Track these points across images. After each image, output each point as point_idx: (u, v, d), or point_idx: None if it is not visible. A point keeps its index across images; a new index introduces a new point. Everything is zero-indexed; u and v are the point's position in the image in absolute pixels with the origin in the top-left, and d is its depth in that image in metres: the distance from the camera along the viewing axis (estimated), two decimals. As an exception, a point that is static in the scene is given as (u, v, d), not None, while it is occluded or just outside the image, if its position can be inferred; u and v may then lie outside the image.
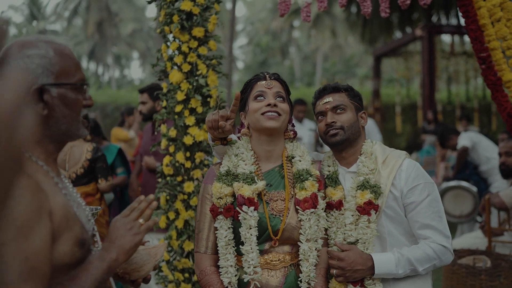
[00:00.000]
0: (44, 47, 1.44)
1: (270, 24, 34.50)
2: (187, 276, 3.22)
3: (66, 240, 1.37)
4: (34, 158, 1.44)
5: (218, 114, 2.14)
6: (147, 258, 1.65)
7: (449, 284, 3.77)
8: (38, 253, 1.27)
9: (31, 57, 1.42)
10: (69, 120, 1.48)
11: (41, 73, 1.42)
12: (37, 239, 1.28)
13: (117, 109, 15.20)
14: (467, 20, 3.20)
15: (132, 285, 1.69)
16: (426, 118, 11.06)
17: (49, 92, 1.43)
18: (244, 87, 2.30)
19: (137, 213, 1.52)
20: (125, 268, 1.63)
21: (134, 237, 1.50)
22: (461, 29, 11.92)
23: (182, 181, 3.27)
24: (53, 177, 1.45)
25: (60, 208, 1.38)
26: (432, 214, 2.20)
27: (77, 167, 4.16)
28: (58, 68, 1.44)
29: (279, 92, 2.21)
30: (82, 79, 1.51)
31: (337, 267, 2.15)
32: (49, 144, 1.48)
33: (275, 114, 2.15)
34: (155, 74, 3.42)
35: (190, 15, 3.27)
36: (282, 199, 2.16)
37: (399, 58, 13.86)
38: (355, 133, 2.31)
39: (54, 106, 1.44)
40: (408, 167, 2.24)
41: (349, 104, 2.33)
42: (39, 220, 1.30)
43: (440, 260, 2.21)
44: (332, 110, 2.31)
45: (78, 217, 1.46)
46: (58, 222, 1.36)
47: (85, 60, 36.81)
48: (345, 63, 32.73)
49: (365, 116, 2.40)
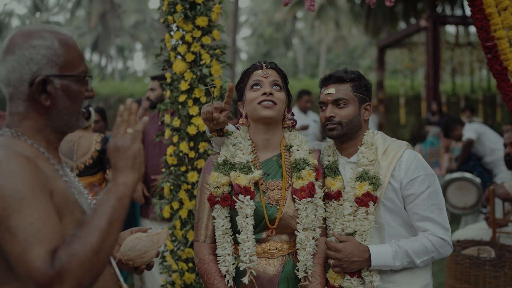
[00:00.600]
0: (49, 38, 1.44)
1: (274, 15, 34.38)
2: (191, 266, 3.22)
3: (67, 224, 1.37)
4: (36, 145, 1.45)
5: (212, 105, 2.15)
6: (150, 245, 1.67)
7: (453, 275, 3.76)
8: (43, 218, 1.25)
9: (37, 48, 1.42)
10: (70, 111, 1.48)
11: (45, 64, 1.42)
12: (41, 207, 1.27)
13: (120, 100, 15.22)
14: (473, 9, 3.17)
15: (135, 271, 1.70)
16: (430, 110, 11.01)
17: (52, 83, 1.43)
18: (241, 77, 2.30)
19: (124, 126, 1.41)
20: (128, 255, 1.64)
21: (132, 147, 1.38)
22: (466, 19, 11.84)
23: (186, 171, 3.27)
24: (53, 164, 1.46)
25: (60, 191, 1.38)
26: (431, 206, 2.18)
27: (86, 158, 4.16)
28: (62, 60, 1.44)
29: (276, 80, 2.20)
30: (85, 70, 1.51)
31: (334, 258, 2.14)
32: (50, 134, 1.49)
33: (271, 103, 2.14)
34: (159, 64, 3.41)
35: (193, 5, 3.25)
36: (279, 188, 2.17)
37: (403, 49, 13.77)
38: (353, 128, 2.28)
39: (57, 97, 1.44)
40: (409, 159, 2.21)
41: (352, 98, 2.28)
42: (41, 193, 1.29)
43: (438, 253, 2.19)
44: (333, 103, 2.28)
45: (79, 203, 1.46)
46: (59, 204, 1.35)
47: (88, 51, 36.78)
48: (349, 54, 32.61)
49: (369, 108, 2.34)
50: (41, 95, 1.43)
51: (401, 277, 2.21)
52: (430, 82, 11.43)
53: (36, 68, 1.41)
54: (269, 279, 2.11)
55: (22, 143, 1.43)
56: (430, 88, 11.44)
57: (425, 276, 2.26)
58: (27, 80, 1.41)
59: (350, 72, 2.33)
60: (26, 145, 1.43)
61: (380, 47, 14.00)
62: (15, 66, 1.41)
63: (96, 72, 33.70)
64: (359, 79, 2.32)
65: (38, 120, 1.46)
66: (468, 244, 3.97)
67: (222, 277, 2.12)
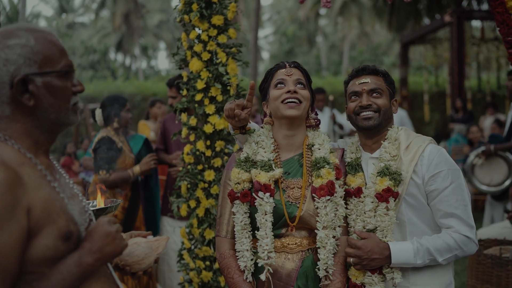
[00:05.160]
0: (24, 36, 1.40)
1: (297, 13, 34.22)
2: (208, 264, 3.24)
3: (48, 234, 1.35)
4: (23, 150, 1.42)
5: (234, 102, 2.17)
6: (149, 251, 1.65)
7: (474, 275, 3.69)
8: (3, 250, 1.25)
9: (11, 47, 1.38)
10: (57, 109, 1.44)
11: (23, 63, 1.38)
12: (5, 236, 1.26)
13: (144, 100, 15.34)
14: (493, 3, 3.10)
15: (132, 277, 1.67)
16: (454, 106, 10.82)
17: (33, 82, 1.39)
18: (264, 77, 2.32)
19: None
20: (126, 261, 1.62)
21: (116, 247, 1.45)
22: (492, 14, 11.57)
23: (202, 170, 3.29)
24: (41, 169, 1.43)
25: (41, 202, 1.36)
26: (456, 202, 2.13)
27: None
28: (41, 57, 1.40)
29: (299, 79, 2.22)
30: (67, 65, 1.46)
31: (354, 256, 2.13)
32: (40, 135, 1.46)
33: (296, 102, 2.16)
34: (176, 63, 3.44)
35: (209, 3, 3.26)
36: (299, 187, 2.18)
37: (427, 45, 13.54)
38: (387, 119, 2.28)
39: (40, 95, 1.40)
40: (431, 153, 2.17)
41: (385, 90, 2.29)
42: (11, 216, 1.27)
43: (462, 251, 2.15)
44: (369, 93, 2.26)
45: (65, 209, 1.42)
46: (37, 217, 1.34)
47: (113, 51, 37.24)
48: (372, 51, 32.25)
49: (396, 104, 2.35)
50: (24, 96, 1.39)
51: (422, 275, 2.17)
52: (455, 79, 11.23)
53: (14, 69, 1.37)
54: (287, 273, 2.12)
55: (8, 149, 1.39)
56: (455, 84, 11.24)
57: (447, 276, 2.21)
58: (7, 82, 1.38)
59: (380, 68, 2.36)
60: (12, 150, 1.40)
61: (404, 43, 13.80)
62: None
63: (121, 71, 34.10)
64: (388, 75, 2.35)
65: (25, 122, 1.43)
66: (490, 243, 3.90)
67: (242, 272, 2.15)
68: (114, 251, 1.45)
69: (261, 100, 2.35)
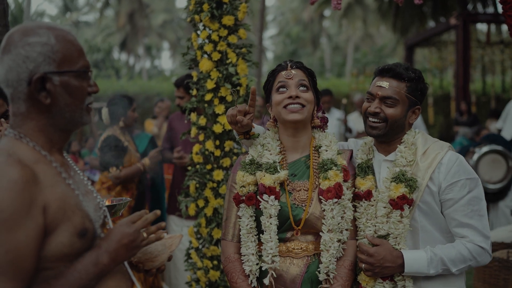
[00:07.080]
0: (45, 34, 1.40)
1: (301, 14, 34.22)
2: (215, 264, 3.24)
3: (63, 231, 1.36)
4: (38, 147, 1.42)
5: (236, 108, 2.14)
6: (162, 249, 1.63)
7: (481, 278, 3.69)
8: (20, 248, 1.26)
9: (32, 45, 1.38)
10: (72, 108, 1.45)
11: (42, 61, 1.38)
12: (22, 234, 1.27)
13: (148, 99, 15.35)
14: (504, 6, 3.09)
15: (146, 274, 1.67)
16: (458, 109, 10.81)
17: (51, 80, 1.40)
18: (267, 78, 2.27)
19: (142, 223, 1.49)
20: (139, 258, 1.61)
21: (132, 250, 1.47)
22: (498, 17, 11.56)
23: (211, 169, 3.30)
24: (56, 167, 1.43)
25: (56, 199, 1.36)
26: (471, 212, 2.08)
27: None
28: (60, 56, 1.41)
29: (302, 81, 2.15)
30: (85, 65, 1.47)
31: (366, 262, 2.09)
32: (53, 133, 1.46)
33: (299, 106, 2.11)
34: (185, 63, 3.44)
35: (220, 4, 3.27)
36: (306, 189, 2.14)
37: (432, 48, 13.55)
38: (396, 129, 2.17)
39: (57, 94, 1.41)
40: (449, 161, 2.10)
41: (403, 99, 2.14)
42: (27, 214, 1.28)
43: (476, 261, 2.10)
44: (382, 99, 2.15)
45: (80, 206, 1.43)
46: (53, 214, 1.34)
47: (117, 51, 37.29)
48: (376, 53, 32.21)
49: (418, 112, 2.22)
50: (41, 94, 1.39)
51: (434, 284, 2.12)
52: (460, 82, 11.22)
53: (33, 66, 1.38)
54: (292, 279, 2.09)
55: (23, 146, 1.40)
56: (460, 87, 11.23)
57: (460, 284, 2.17)
58: (25, 79, 1.38)
59: (411, 70, 2.18)
60: (28, 148, 1.40)
61: (409, 46, 13.80)
62: (12, 66, 1.38)
63: (125, 71, 34.15)
64: (418, 81, 2.18)
65: (40, 120, 1.43)
66: (497, 246, 3.89)
67: (246, 277, 2.12)
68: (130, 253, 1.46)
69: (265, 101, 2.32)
